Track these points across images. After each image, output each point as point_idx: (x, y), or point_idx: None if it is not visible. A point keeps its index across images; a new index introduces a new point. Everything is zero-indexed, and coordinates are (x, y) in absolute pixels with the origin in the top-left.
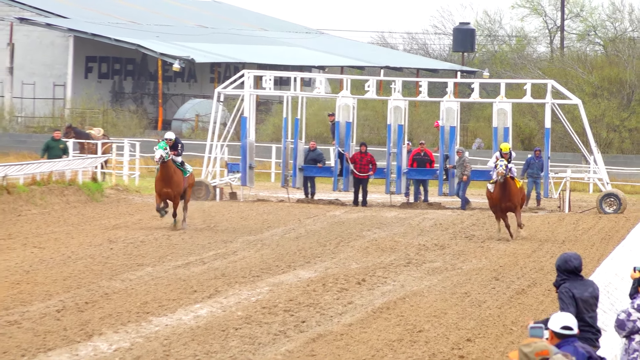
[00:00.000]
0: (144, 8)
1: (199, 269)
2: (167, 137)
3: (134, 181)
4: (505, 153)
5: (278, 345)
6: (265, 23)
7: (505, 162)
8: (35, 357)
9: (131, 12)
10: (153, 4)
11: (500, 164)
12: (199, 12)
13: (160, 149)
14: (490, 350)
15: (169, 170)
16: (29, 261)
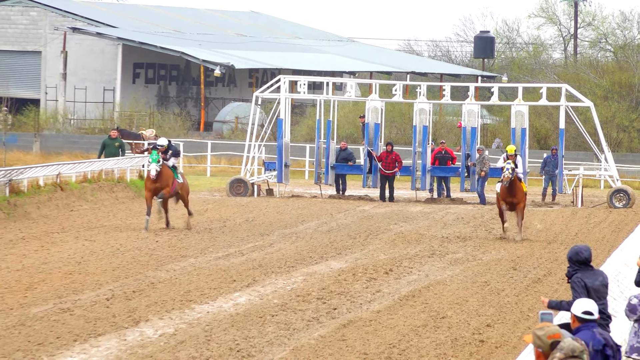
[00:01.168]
0: (187, 18)
1: (238, 260)
2: (160, 144)
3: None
4: (511, 155)
5: (311, 331)
6: (300, 32)
7: (512, 165)
8: (87, 342)
9: (175, 22)
10: (196, 14)
11: (507, 167)
12: (239, 22)
13: (153, 162)
14: (509, 335)
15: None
16: (81, 253)
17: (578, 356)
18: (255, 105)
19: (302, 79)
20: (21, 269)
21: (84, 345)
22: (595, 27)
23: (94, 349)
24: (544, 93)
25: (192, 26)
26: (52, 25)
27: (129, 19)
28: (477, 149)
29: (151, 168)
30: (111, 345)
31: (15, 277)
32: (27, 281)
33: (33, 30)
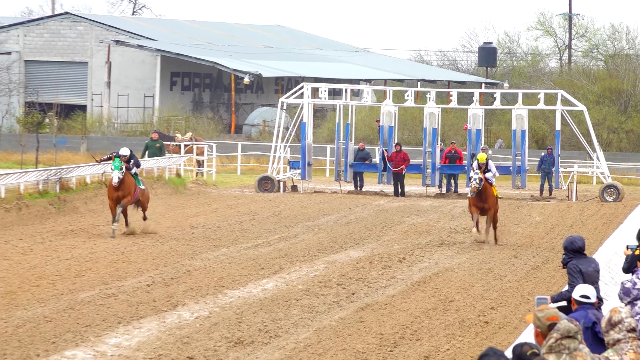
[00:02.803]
0: (219, 32)
1: (266, 250)
2: (122, 153)
3: (211, 176)
4: (482, 163)
5: (332, 313)
6: (321, 43)
7: (479, 175)
8: (130, 324)
9: (209, 35)
10: (227, 28)
11: (475, 178)
12: (266, 35)
13: (116, 169)
14: (511, 317)
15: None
16: (124, 243)
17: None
18: (281, 110)
19: (323, 86)
20: (70, 258)
21: (127, 327)
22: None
23: (136, 330)
24: (541, 98)
25: (224, 39)
26: (97, 38)
27: (167, 32)
28: (481, 149)
29: (114, 176)
30: (152, 327)
31: (65, 266)
32: (76, 269)
33: (80, 43)
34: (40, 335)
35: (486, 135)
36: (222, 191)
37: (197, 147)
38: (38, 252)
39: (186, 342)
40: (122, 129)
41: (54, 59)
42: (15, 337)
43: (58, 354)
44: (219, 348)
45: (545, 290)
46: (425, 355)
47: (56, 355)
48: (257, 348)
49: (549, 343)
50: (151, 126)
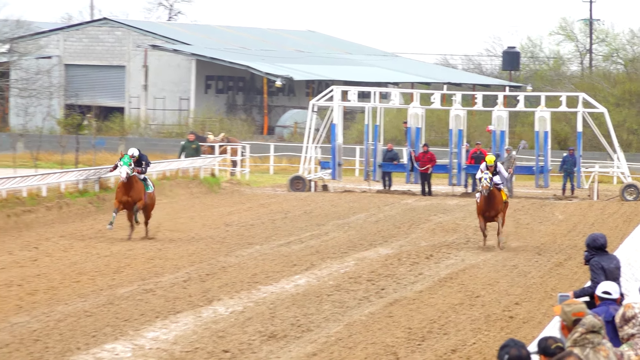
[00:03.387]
0: (252, 36)
1: (298, 247)
2: (130, 153)
3: (245, 176)
4: (490, 165)
5: (362, 308)
6: (350, 48)
7: (489, 175)
8: (167, 318)
9: (242, 39)
10: (259, 33)
11: (485, 177)
12: (297, 40)
13: (124, 165)
14: (535, 312)
15: (131, 180)
16: (161, 240)
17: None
18: (312, 112)
19: (352, 89)
20: (109, 255)
21: (165, 321)
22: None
23: (173, 324)
24: (563, 101)
25: (257, 43)
26: (134, 43)
27: (202, 37)
28: (505, 149)
29: (122, 171)
30: (188, 321)
31: (104, 262)
32: (115, 266)
33: (118, 47)
34: (81, 329)
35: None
36: (255, 190)
37: (231, 147)
38: (78, 249)
39: (221, 336)
40: (158, 131)
41: (93, 62)
42: (56, 331)
43: (98, 347)
44: (253, 342)
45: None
46: (452, 349)
47: (96, 348)
48: (290, 342)
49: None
50: (187, 128)
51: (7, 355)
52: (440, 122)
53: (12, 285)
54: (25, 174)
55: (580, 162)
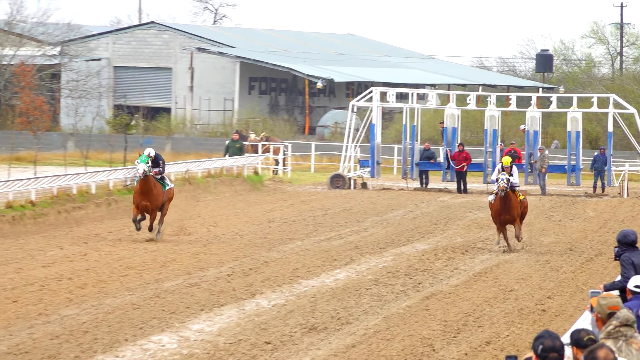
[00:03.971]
0: (294, 40)
1: (337, 242)
2: (147, 152)
3: (287, 174)
4: (507, 167)
5: (400, 302)
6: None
7: (506, 176)
8: (211, 311)
9: (284, 42)
10: (301, 36)
11: (502, 178)
12: (337, 43)
13: (142, 162)
14: (566, 305)
15: (149, 183)
16: (206, 236)
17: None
18: (352, 112)
19: (391, 90)
20: (156, 250)
21: (209, 314)
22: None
23: (217, 317)
24: (594, 102)
25: (298, 46)
26: (181, 46)
27: (245, 40)
28: (538, 149)
29: (139, 168)
30: (232, 314)
31: (151, 257)
32: (162, 260)
33: (165, 50)
34: (129, 321)
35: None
36: (296, 188)
37: (273, 146)
38: (126, 244)
39: (264, 328)
40: (203, 130)
41: (141, 64)
42: (105, 323)
43: (145, 339)
44: (295, 334)
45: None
46: (486, 341)
47: (143, 340)
48: (330, 334)
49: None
50: (231, 127)
51: (57, 346)
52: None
53: (62, 279)
54: (76, 172)
55: (611, 161)
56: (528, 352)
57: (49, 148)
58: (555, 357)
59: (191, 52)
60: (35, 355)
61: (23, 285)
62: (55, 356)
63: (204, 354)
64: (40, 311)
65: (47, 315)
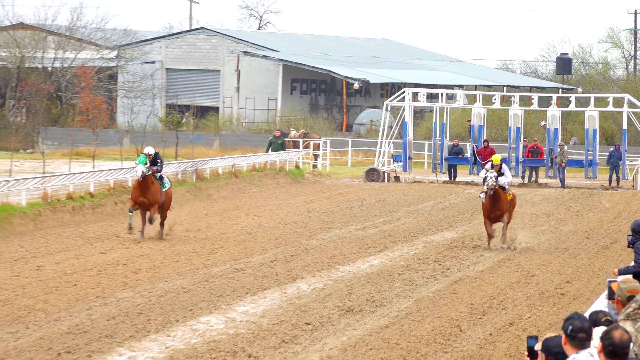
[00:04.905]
0: (332, 44)
1: (372, 231)
2: (146, 152)
3: (325, 168)
4: (496, 165)
5: (429, 286)
6: (420, 54)
7: (495, 174)
8: (256, 294)
9: (323, 46)
10: (339, 41)
11: (490, 176)
12: (373, 47)
13: (140, 164)
14: (584, 289)
15: (147, 180)
16: (251, 225)
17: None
18: (386, 111)
19: (422, 91)
20: (205, 238)
21: (254, 297)
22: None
23: (261, 300)
24: (610, 102)
25: (336, 50)
26: (228, 50)
27: (288, 44)
28: (558, 145)
29: (137, 169)
30: (274, 297)
31: (200, 245)
32: (210, 247)
33: (213, 53)
34: (179, 304)
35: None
36: (334, 181)
37: (313, 142)
38: (177, 233)
39: (304, 310)
40: (249, 127)
41: (191, 67)
42: (157, 305)
43: (194, 320)
44: (332, 315)
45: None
46: (509, 322)
47: (193, 320)
48: (365, 315)
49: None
50: (274, 125)
51: (114, 327)
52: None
53: (118, 265)
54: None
55: (625, 156)
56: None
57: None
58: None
59: (238, 56)
60: (94, 334)
61: (82, 270)
62: (112, 335)
63: (249, 333)
64: (98, 294)
65: (105, 297)
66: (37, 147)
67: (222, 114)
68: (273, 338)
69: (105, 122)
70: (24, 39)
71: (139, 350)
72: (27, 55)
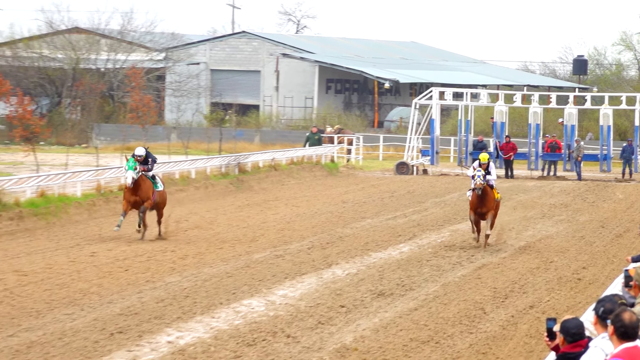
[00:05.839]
0: (365, 46)
1: (402, 220)
2: (137, 153)
3: (358, 162)
4: (484, 163)
5: (455, 271)
6: (446, 56)
7: (483, 172)
8: (294, 279)
9: (356, 49)
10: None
11: (478, 175)
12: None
13: (130, 169)
14: (599, 275)
15: (138, 180)
16: (289, 215)
17: None
18: (415, 109)
19: (448, 90)
20: (246, 227)
21: (292, 282)
22: None
23: (299, 284)
24: (623, 100)
25: (368, 52)
26: (268, 52)
27: (323, 47)
28: (575, 140)
29: (127, 176)
30: (311, 281)
31: (242, 233)
32: (251, 235)
33: (254, 55)
34: (223, 287)
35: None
36: (367, 174)
37: (347, 138)
38: (221, 222)
39: (339, 293)
40: (287, 124)
41: (233, 68)
42: (203, 289)
43: (237, 302)
44: (365, 298)
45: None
46: (530, 305)
47: (235, 303)
48: (396, 299)
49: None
50: (310, 122)
51: (162, 309)
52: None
53: (166, 251)
54: (178, 160)
55: (638, 151)
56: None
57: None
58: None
59: (277, 57)
60: (144, 316)
61: (133, 256)
62: (161, 317)
63: (288, 315)
64: (148, 278)
65: (154, 282)
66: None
67: (263, 111)
68: (310, 319)
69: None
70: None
71: (186, 331)
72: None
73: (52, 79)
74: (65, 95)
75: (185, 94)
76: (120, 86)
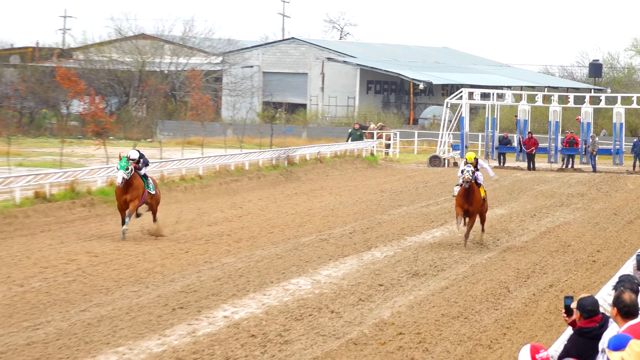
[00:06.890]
0: (401, 51)
1: (435, 208)
2: (132, 157)
3: (395, 155)
4: (471, 163)
5: (482, 254)
6: (475, 60)
7: (472, 168)
8: (337, 260)
9: (393, 53)
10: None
11: (467, 170)
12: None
13: (121, 169)
14: (612, 257)
15: (130, 179)
16: (333, 203)
17: None
18: (446, 108)
19: (476, 91)
20: (294, 213)
21: (335, 263)
22: None
23: (342, 265)
24: (634, 100)
25: (404, 56)
26: (314, 56)
27: (364, 51)
28: (590, 136)
29: (118, 176)
30: (353, 262)
31: (291, 219)
32: (299, 221)
33: (302, 59)
34: (273, 268)
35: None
36: (403, 166)
37: (385, 134)
38: (272, 209)
39: (378, 273)
40: (331, 121)
41: (283, 71)
42: (255, 269)
43: (286, 281)
44: (401, 278)
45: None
46: (550, 284)
47: (284, 282)
48: (429, 278)
49: None
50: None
51: (219, 286)
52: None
53: (222, 235)
54: (233, 153)
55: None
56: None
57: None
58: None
59: (322, 61)
60: (202, 293)
61: (193, 239)
62: (218, 294)
63: (332, 293)
64: (206, 259)
65: (211, 262)
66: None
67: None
68: (352, 297)
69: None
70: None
71: (240, 307)
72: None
73: (120, 80)
74: (132, 94)
75: (240, 93)
76: (181, 87)
